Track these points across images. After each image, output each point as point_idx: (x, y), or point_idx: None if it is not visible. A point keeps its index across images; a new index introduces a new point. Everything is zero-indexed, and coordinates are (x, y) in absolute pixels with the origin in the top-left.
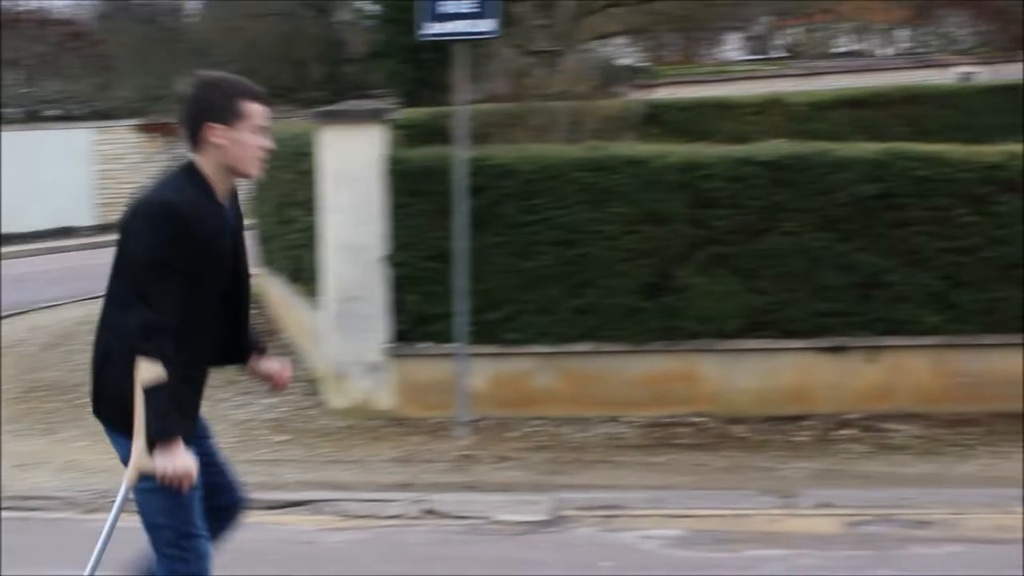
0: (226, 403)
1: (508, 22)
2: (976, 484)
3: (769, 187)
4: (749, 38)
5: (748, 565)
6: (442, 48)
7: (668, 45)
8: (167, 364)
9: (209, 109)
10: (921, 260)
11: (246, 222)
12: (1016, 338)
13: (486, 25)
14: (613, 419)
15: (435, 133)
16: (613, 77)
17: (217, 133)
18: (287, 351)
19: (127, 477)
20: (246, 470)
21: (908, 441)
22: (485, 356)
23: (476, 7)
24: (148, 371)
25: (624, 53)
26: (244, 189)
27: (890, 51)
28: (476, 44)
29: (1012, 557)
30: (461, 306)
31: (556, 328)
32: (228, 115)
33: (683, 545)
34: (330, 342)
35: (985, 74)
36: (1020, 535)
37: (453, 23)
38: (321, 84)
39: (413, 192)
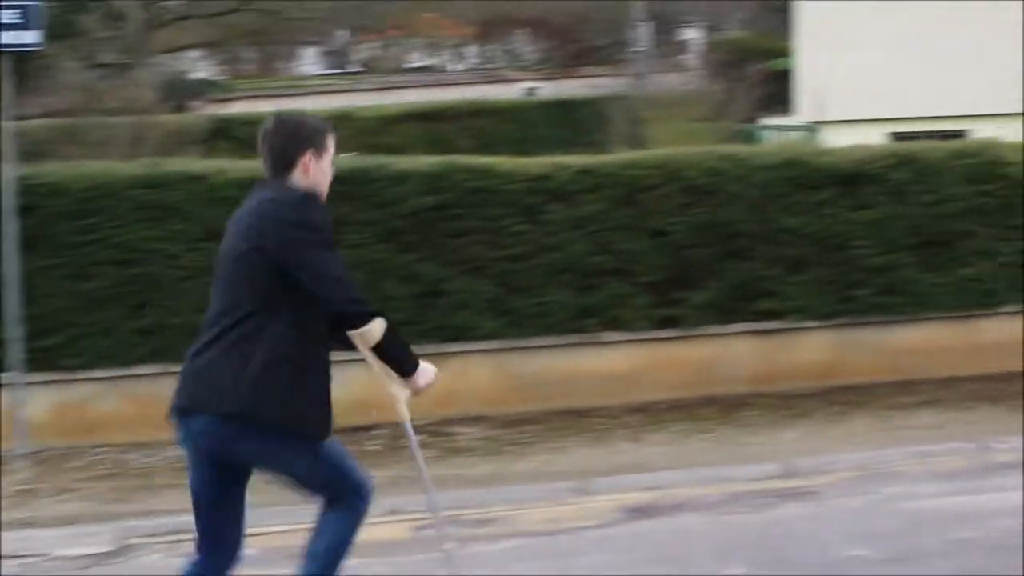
0: None
1: (73, 33)
2: (533, 480)
3: (332, 200)
4: (327, 52)
5: None
6: None
7: (244, 59)
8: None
9: (309, 140)
10: (478, 268)
11: None
12: (567, 339)
13: (29, 37)
14: None
15: None
16: (182, 91)
17: (312, 161)
18: None
19: (402, 413)
20: None
21: (473, 443)
22: (43, 384)
23: (17, 17)
24: (378, 326)
25: (199, 66)
26: None
27: (460, 67)
28: (26, 56)
29: (562, 545)
30: (14, 332)
31: (118, 351)
32: (321, 146)
33: (252, 565)
34: None
35: (548, 89)
36: (570, 525)
37: None
38: None
39: None
